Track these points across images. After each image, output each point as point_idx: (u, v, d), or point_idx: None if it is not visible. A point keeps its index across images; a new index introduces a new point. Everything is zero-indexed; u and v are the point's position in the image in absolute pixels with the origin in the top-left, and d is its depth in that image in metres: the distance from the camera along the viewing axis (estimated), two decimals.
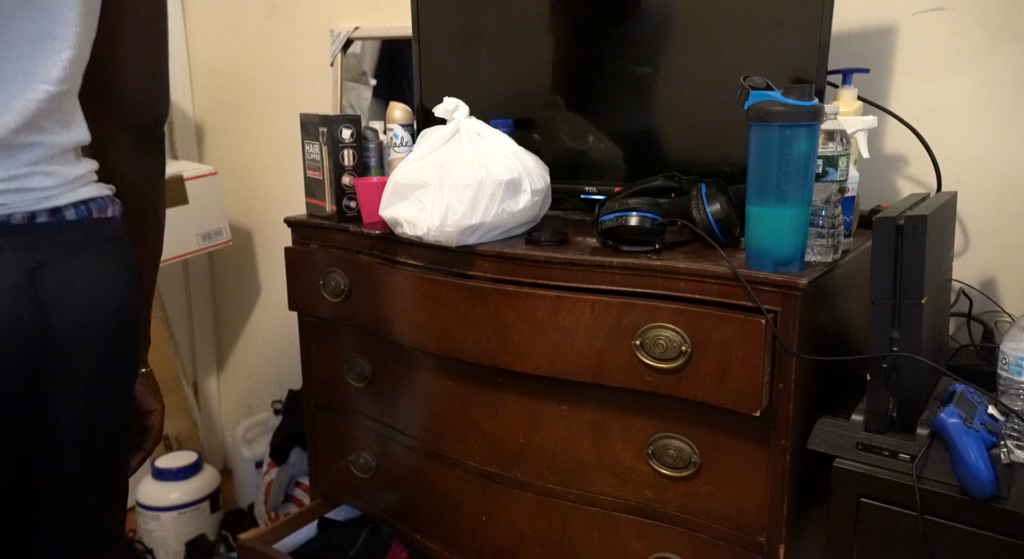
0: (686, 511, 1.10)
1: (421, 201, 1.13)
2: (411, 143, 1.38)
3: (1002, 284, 1.31)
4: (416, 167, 1.16)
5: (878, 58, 1.35)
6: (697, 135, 1.32)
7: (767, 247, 0.97)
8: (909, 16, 1.32)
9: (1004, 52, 1.25)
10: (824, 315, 1.05)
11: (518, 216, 1.19)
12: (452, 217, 1.11)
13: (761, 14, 1.19)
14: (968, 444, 0.87)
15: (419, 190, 1.14)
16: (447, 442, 1.33)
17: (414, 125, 1.44)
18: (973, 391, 0.97)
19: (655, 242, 1.09)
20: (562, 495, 1.21)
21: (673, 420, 1.08)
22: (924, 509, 0.90)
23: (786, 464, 1.00)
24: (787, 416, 0.98)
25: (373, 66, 1.97)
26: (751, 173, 0.97)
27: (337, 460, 1.58)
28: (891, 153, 1.37)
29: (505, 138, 1.20)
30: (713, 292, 1.00)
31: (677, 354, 1.02)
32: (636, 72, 1.31)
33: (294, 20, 2.07)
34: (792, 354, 0.96)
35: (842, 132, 1.05)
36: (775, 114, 0.93)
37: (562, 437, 1.19)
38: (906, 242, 0.92)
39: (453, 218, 1.11)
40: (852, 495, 0.96)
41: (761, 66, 1.18)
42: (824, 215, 1.03)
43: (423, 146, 1.20)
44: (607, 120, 1.36)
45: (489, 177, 1.12)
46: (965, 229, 1.32)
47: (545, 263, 1.12)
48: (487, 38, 1.46)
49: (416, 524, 1.46)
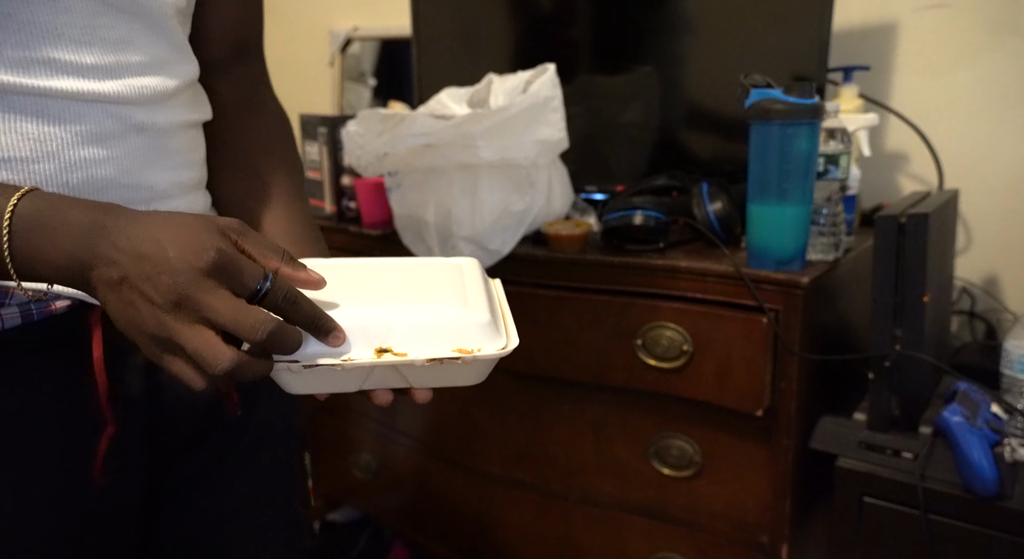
0: (688, 511, 1.10)
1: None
2: None
3: (1004, 282, 1.30)
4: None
5: (879, 55, 1.35)
6: (698, 134, 1.31)
7: (768, 246, 0.97)
8: (910, 13, 1.31)
9: (1006, 49, 1.25)
10: (826, 314, 1.05)
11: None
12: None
13: (761, 11, 1.18)
14: (971, 442, 0.87)
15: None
16: (449, 443, 1.33)
17: None
18: (976, 389, 0.97)
19: (659, 241, 1.09)
20: (564, 495, 1.21)
21: (675, 420, 1.08)
22: (927, 508, 0.89)
23: (788, 463, 0.99)
24: (789, 415, 0.98)
25: (372, 66, 1.96)
26: (752, 172, 0.97)
27: (338, 462, 1.57)
28: (892, 151, 1.37)
29: None
30: (715, 291, 1.00)
31: (678, 353, 1.02)
32: (636, 71, 1.31)
33: (293, 20, 2.07)
34: (794, 353, 0.95)
35: (843, 130, 1.05)
36: (776, 112, 0.92)
37: (564, 437, 1.18)
38: (908, 240, 0.92)
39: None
40: (855, 494, 0.96)
41: (761, 64, 1.18)
42: (825, 213, 1.02)
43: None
44: (607, 120, 1.35)
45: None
46: (967, 227, 1.32)
47: (545, 263, 1.11)
48: (486, 38, 1.45)
49: (418, 525, 1.45)
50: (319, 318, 0.51)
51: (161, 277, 0.46)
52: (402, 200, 1.19)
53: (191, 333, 0.46)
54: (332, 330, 0.51)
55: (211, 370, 0.46)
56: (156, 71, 0.62)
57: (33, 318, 0.58)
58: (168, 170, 0.64)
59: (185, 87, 0.67)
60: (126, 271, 0.47)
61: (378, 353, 0.52)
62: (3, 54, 0.53)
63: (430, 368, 0.53)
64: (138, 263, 0.46)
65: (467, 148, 1.07)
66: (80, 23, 0.56)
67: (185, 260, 0.46)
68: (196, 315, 0.46)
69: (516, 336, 0.55)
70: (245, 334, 0.47)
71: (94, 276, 0.48)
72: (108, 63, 0.58)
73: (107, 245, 0.47)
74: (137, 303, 0.47)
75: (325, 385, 0.54)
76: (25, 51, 0.54)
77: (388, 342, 0.52)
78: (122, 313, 0.48)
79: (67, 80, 0.56)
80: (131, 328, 0.48)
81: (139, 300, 0.47)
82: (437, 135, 1.08)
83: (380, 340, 0.52)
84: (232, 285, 0.48)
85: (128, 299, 0.47)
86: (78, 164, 0.57)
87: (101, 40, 0.57)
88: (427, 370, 0.53)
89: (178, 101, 0.66)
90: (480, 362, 0.53)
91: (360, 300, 0.54)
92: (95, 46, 0.57)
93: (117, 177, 0.59)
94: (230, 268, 0.48)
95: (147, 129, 0.61)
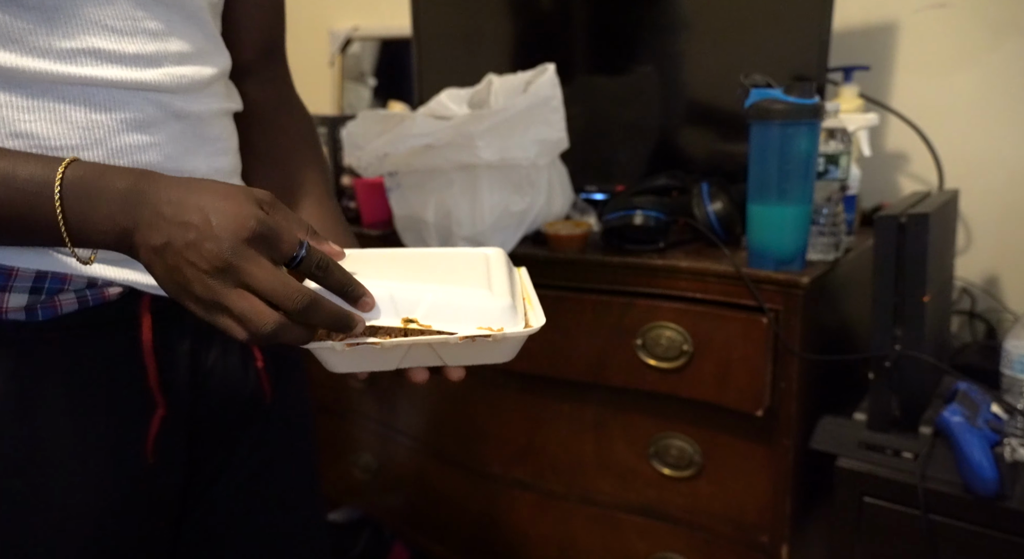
0: (688, 511, 1.10)
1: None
2: None
3: (1005, 282, 1.30)
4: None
5: (879, 55, 1.34)
6: (698, 134, 1.31)
7: (768, 246, 0.97)
8: (910, 13, 1.31)
9: (1006, 49, 1.25)
10: (826, 314, 1.05)
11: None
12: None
13: (761, 11, 1.18)
14: (972, 442, 0.86)
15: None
16: (449, 443, 1.33)
17: None
18: (976, 389, 0.97)
19: (659, 241, 1.09)
20: (564, 495, 1.21)
21: (675, 420, 1.08)
22: (928, 508, 0.89)
23: (789, 463, 0.99)
24: (789, 415, 0.98)
25: (372, 66, 1.96)
26: (752, 172, 0.97)
27: (338, 461, 1.57)
28: (893, 151, 1.37)
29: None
30: (715, 291, 1.00)
31: (679, 353, 1.02)
32: (636, 71, 1.31)
33: (293, 20, 2.06)
34: (794, 353, 0.95)
35: (843, 130, 1.05)
36: (776, 112, 0.92)
37: (564, 437, 1.18)
38: (908, 240, 0.91)
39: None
40: (855, 494, 0.95)
41: (761, 64, 1.18)
42: (825, 213, 1.02)
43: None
44: (607, 120, 1.35)
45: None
46: (967, 227, 1.32)
47: (545, 263, 1.11)
48: (486, 38, 1.45)
49: (418, 525, 1.45)
50: (350, 284, 0.54)
51: (205, 244, 0.48)
52: (402, 200, 1.19)
53: (236, 297, 0.49)
54: (362, 295, 0.54)
55: (257, 331, 0.50)
56: (193, 60, 0.64)
57: (89, 304, 0.61)
58: (207, 156, 0.67)
59: (220, 76, 0.69)
60: (170, 237, 0.49)
61: (405, 322, 0.55)
62: (52, 45, 0.56)
63: (463, 346, 0.56)
64: (182, 230, 0.49)
65: (467, 148, 1.07)
66: (122, 14, 0.59)
67: (228, 229, 0.49)
68: (239, 281, 0.49)
69: (543, 316, 0.58)
70: (284, 303, 0.50)
71: (137, 240, 0.50)
72: (149, 52, 0.60)
73: (148, 210, 0.50)
74: (182, 268, 0.49)
75: (366, 364, 0.58)
76: (72, 42, 0.57)
77: (414, 314, 0.55)
78: (167, 276, 0.51)
79: (111, 69, 0.58)
80: (177, 290, 0.51)
81: (184, 265, 0.49)
82: (437, 135, 1.08)
83: (407, 311, 0.55)
84: (271, 253, 0.51)
85: (173, 264, 0.50)
86: (124, 151, 0.60)
87: (142, 31, 0.60)
88: (461, 348, 0.56)
89: (214, 90, 0.68)
90: (509, 340, 0.56)
91: (389, 277, 0.57)
92: (137, 36, 0.60)
93: (161, 163, 0.62)
94: (270, 237, 0.50)
95: (186, 116, 0.64)
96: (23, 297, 0.58)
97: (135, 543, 0.67)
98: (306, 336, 0.53)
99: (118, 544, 0.65)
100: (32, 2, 0.55)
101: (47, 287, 0.59)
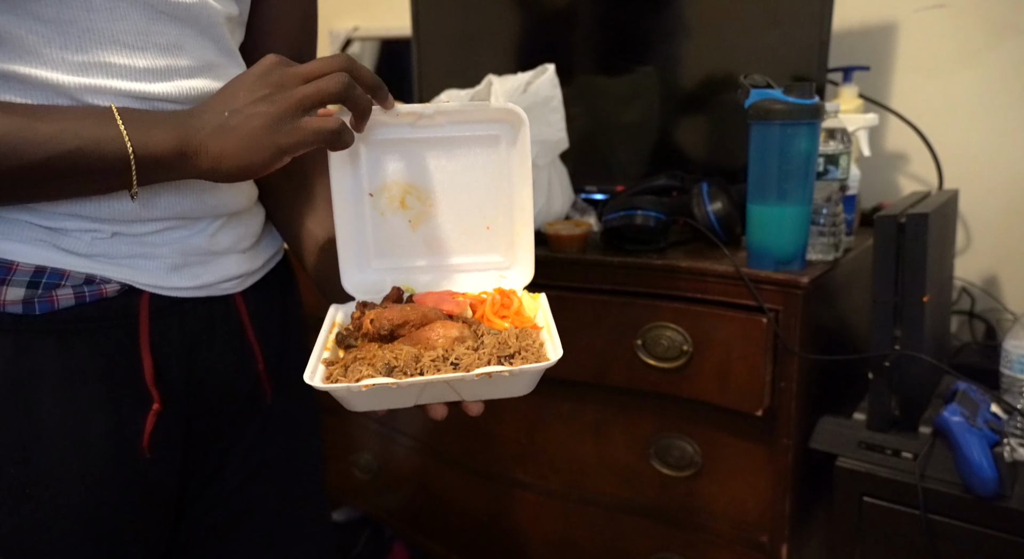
0: (688, 511, 1.10)
1: None
2: None
3: (1004, 282, 1.30)
4: None
5: (879, 56, 1.35)
6: (698, 134, 1.31)
7: (768, 246, 0.97)
8: (910, 13, 1.32)
9: (1005, 49, 1.25)
10: (826, 314, 1.05)
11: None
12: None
13: (761, 11, 1.18)
14: (971, 442, 0.87)
15: None
16: (449, 443, 1.33)
17: None
18: (976, 389, 0.97)
19: (659, 241, 1.09)
20: (564, 495, 1.21)
21: (675, 420, 1.08)
22: (927, 508, 0.89)
23: (788, 463, 0.99)
24: (789, 415, 0.98)
25: (372, 66, 1.96)
26: (752, 172, 0.97)
27: (338, 462, 1.57)
28: (892, 151, 1.37)
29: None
30: (714, 291, 1.00)
31: (679, 353, 1.02)
32: (636, 71, 1.31)
33: None
34: (794, 353, 0.95)
35: (843, 130, 1.05)
36: (776, 112, 0.92)
37: (564, 437, 1.18)
38: (908, 240, 0.92)
39: None
40: (855, 494, 0.96)
41: (761, 64, 1.18)
42: (825, 213, 1.02)
43: None
44: (607, 120, 1.35)
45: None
46: (967, 227, 1.32)
47: (545, 263, 1.11)
48: (486, 38, 1.45)
49: (418, 525, 1.45)
50: (381, 85, 0.62)
51: (250, 85, 0.58)
52: None
53: (300, 91, 0.57)
54: (388, 96, 0.63)
55: (336, 86, 0.58)
56: (204, 74, 0.66)
57: (86, 300, 0.63)
58: None
59: None
60: (224, 107, 0.57)
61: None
62: (65, 58, 0.58)
63: (480, 382, 0.56)
64: (228, 97, 0.58)
65: None
66: (135, 29, 0.61)
67: (255, 71, 0.59)
68: (292, 84, 0.58)
69: (560, 348, 0.60)
70: (330, 85, 0.57)
71: (200, 133, 0.57)
72: (160, 66, 0.62)
73: (195, 110, 0.59)
74: (245, 112, 0.57)
75: (384, 402, 0.59)
76: (85, 55, 0.59)
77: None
78: (242, 132, 0.57)
79: (122, 82, 0.60)
80: (255, 134, 0.57)
81: (246, 109, 0.57)
82: None
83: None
84: (296, 69, 0.59)
85: (235, 123, 0.57)
86: None
87: (154, 45, 0.62)
88: (477, 384, 0.57)
89: None
90: (527, 374, 0.57)
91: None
92: (148, 50, 0.62)
93: None
94: (288, 61, 0.60)
95: None
96: (20, 290, 0.60)
97: (130, 535, 0.67)
98: (362, 92, 0.60)
99: (113, 536, 0.66)
100: (48, 15, 0.57)
101: (45, 281, 0.60)
